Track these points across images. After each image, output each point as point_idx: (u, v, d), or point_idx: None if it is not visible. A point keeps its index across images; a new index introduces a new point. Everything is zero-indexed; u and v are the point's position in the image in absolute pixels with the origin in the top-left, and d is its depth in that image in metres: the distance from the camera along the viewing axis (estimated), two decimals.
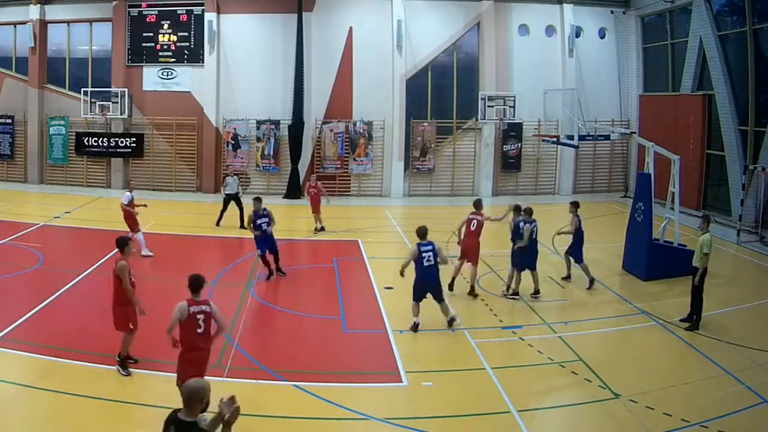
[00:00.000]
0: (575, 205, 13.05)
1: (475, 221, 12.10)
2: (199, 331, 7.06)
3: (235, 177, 17.89)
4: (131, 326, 8.50)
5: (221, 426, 4.42)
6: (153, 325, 10.31)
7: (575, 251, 12.73)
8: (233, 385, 8.22)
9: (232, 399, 4.37)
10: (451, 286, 12.00)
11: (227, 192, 17.38)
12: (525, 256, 11.76)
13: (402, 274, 10.08)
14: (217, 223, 17.41)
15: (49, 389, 7.79)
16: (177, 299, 11.60)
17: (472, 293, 11.94)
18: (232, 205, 17.34)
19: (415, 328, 10.07)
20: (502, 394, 8.05)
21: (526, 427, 7.33)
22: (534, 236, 11.82)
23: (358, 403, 7.80)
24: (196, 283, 7.22)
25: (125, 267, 8.43)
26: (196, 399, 4.58)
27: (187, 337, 7.05)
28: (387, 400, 8.04)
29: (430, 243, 10.01)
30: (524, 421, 7.45)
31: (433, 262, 9.91)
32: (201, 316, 7.03)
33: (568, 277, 13.00)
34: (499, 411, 7.67)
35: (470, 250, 12.11)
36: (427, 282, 10.05)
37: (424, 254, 9.85)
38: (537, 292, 11.90)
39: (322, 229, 17.07)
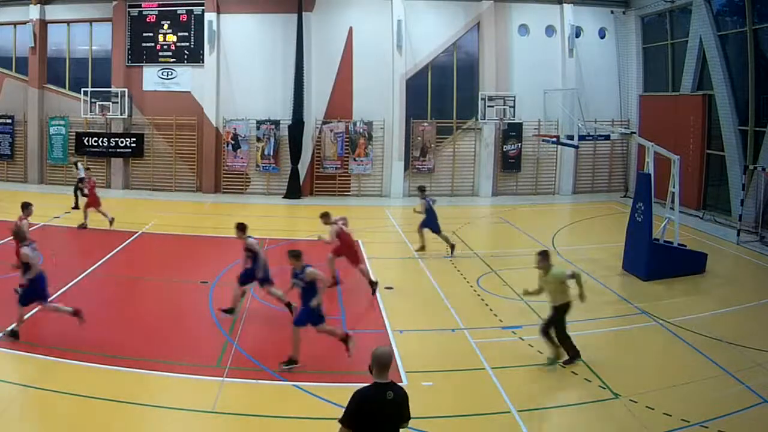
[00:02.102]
0: (422, 188, 15.71)
1: (343, 226, 12.36)
2: None
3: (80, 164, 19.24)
4: None
5: None
6: (153, 325, 10.35)
7: (431, 225, 14.84)
8: (233, 385, 8.23)
9: None
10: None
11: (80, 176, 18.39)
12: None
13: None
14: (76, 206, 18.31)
15: (49, 389, 7.79)
16: (177, 299, 11.61)
17: (373, 288, 11.99)
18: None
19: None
20: (502, 394, 8.05)
21: (526, 427, 7.33)
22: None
23: None
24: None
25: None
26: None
27: None
28: None
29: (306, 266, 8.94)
30: (524, 421, 7.45)
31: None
32: None
33: (422, 248, 14.97)
34: (499, 411, 7.67)
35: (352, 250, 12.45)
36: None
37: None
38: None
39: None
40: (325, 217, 12.41)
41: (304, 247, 9.47)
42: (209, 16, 22.74)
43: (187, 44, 23.14)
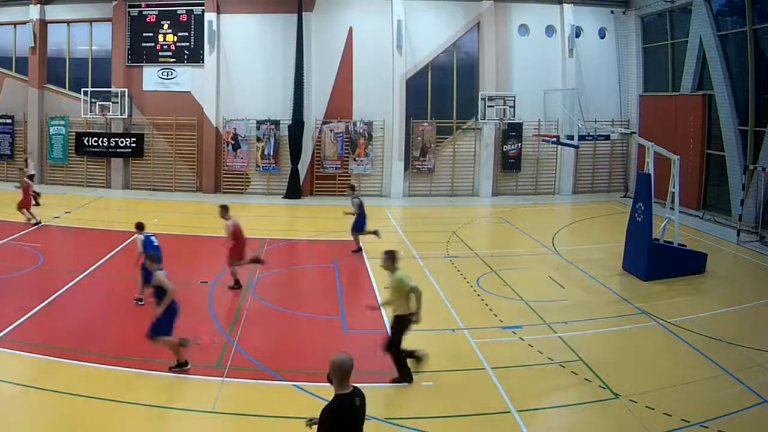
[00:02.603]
0: (352, 187, 16.51)
1: (238, 223, 12.31)
2: None
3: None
4: None
5: None
6: None
7: (358, 223, 15.12)
8: (233, 385, 8.23)
9: None
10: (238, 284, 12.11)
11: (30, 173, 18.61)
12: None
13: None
14: (37, 203, 18.43)
15: (49, 389, 7.79)
16: (177, 299, 11.61)
17: (237, 286, 12.03)
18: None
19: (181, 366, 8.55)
20: (502, 394, 8.05)
21: (526, 427, 7.33)
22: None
23: None
24: None
25: None
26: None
27: None
28: (387, 400, 8.04)
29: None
30: (524, 421, 7.45)
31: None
32: None
33: (359, 250, 14.96)
34: (499, 411, 7.67)
35: (244, 249, 12.34)
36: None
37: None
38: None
39: None
40: (224, 210, 12.38)
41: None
42: (209, 16, 22.73)
43: (187, 44, 23.14)
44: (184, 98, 23.07)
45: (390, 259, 8.57)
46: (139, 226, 11.41)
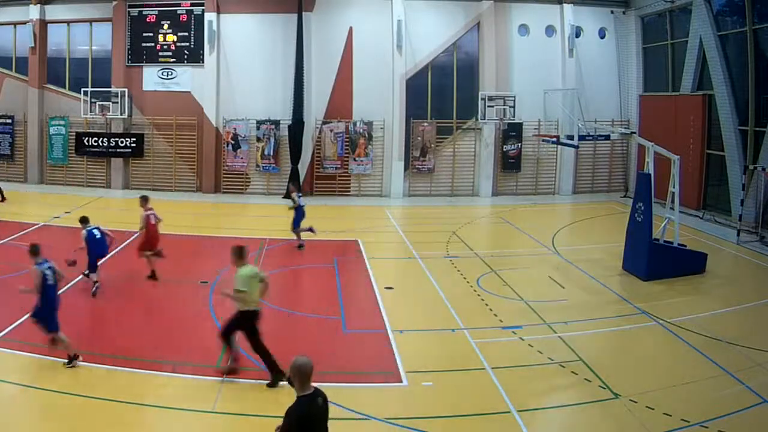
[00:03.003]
0: (295, 184, 17.28)
1: (152, 216, 12.87)
2: None
3: None
4: None
5: None
6: (153, 325, 10.36)
7: (296, 219, 15.47)
8: (233, 385, 8.23)
9: None
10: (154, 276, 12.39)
11: None
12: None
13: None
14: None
15: (49, 389, 7.79)
16: (177, 299, 11.63)
17: (154, 277, 12.36)
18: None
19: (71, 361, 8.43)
20: (502, 394, 8.05)
21: (526, 427, 7.33)
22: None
23: (358, 403, 7.80)
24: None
25: None
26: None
27: None
28: (387, 400, 8.04)
29: (46, 260, 8.75)
30: (524, 421, 7.45)
31: (53, 282, 8.67)
32: None
33: (301, 246, 15.31)
34: (499, 411, 7.67)
35: (156, 241, 12.85)
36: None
37: (46, 273, 8.60)
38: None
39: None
40: (143, 200, 12.90)
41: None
42: (209, 16, 22.73)
43: (187, 44, 23.14)
44: (184, 98, 23.07)
45: (236, 254, 8.42)
46: (83, 220, 12.00)
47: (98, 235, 11.88)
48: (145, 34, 23.16)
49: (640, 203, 13.40)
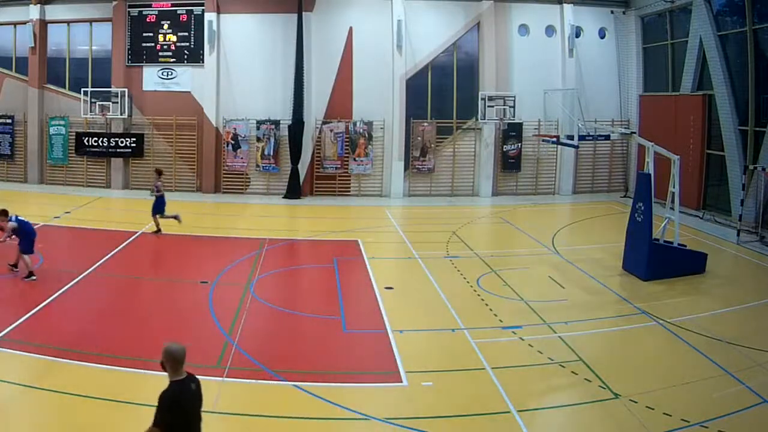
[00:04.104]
0: (159, 171, 17.72)
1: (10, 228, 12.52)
2: None
3: None
4: None
5: None
6: (153, 325, 10.35)
7: (157, 206, 16.27)
8: (233, 385, 8.23)
9: None
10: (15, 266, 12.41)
11: None
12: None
13: None
14: None
15: (49, 389, 7.79)
16: (176, 299, 11.63)
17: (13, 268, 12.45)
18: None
19: None
20: (502, 394, 8.05)
21: (526, 427, 7.33)
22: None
23: (358, 403, 7.80)
24: None
25: None
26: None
27: None
28: (387, 400, 8.04)
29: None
30: (524, 421, 7.45)
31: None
32: None
33: (158, 231, 16.13)
34: (499, 411, 7.67)
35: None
36: None
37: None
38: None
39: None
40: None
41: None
42: (209, 16, 22.73)
43: (187, 44, 23.13)
44: (184, 98, 23.07)
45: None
46: (3, 213, 12.16)
47: (23, 218, 12.45)
48: (145, 34, 23.15)
49: (640, 203, 13.40)
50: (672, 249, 13.45)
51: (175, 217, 16.33)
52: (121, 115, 22.76)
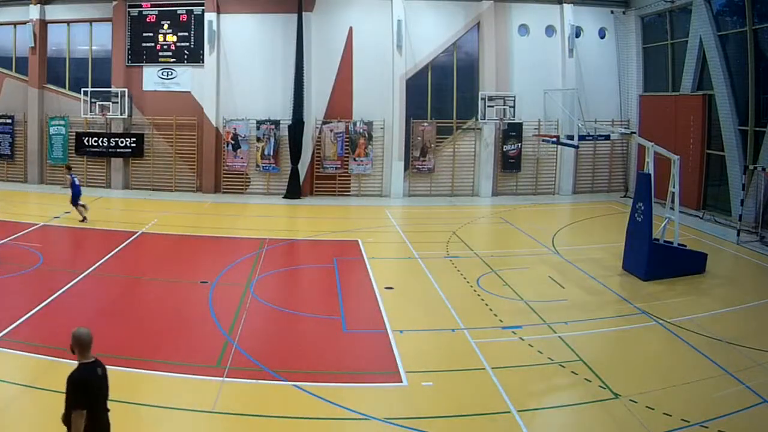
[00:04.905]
0: (68, 167, 19.18)
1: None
2: None
3: None
4: None
5: None
6: (153, 325, 10.35)
7: (74, 197, 17.55)
8: (233, 385, 8.23)
9: None
10: None
11: None
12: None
13: None
14: None
15: (49, 389, 7.79)
16: (177, 299, 11.64)
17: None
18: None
19: None
20: (502, 394, 8.05)
21: (526, 427, 7.33)
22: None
23: (358, 403, 7.80)
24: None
25: None
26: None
27: None
28: (387, 400, 8.04)
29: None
30: (524, 421, 7.45)
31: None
32: None
33: (84, 220, 17.31)
34: (499, 411, 7.67)
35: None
36: None
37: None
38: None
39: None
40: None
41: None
42: (209, 16, 22.74)
43: (187, 44, 23.14)
44: (184, 98, 23.07)
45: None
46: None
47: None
48: (145, 34, 23.16)
49: (640, 203, 13.40)
50: (672, 249, 13.45)
51: (83, 206, 17.64)
52: (121, 115, 22.77)
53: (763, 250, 15.77)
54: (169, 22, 23.13)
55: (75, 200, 17.53)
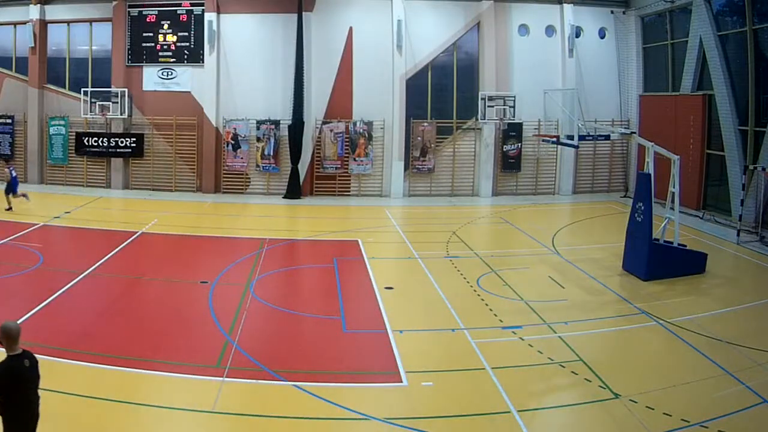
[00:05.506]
0: (6, 160, 20.25)
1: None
2: None
3: None
4: None
5: None
6: (153, 325, 10.35)
7: (12, 188, 18.45)
8: (233, 385, 8.23)
9: None
10: None
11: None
12: (13, 187, 18.37)
13: None
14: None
15: (50, 389, 7.77)
16: (177, 299, 11.64)
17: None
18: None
19: None
20: (502, 394, 8.05)
21: (526, 427, 7.33)
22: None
23: (358, 403, 7.81)
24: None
25: None
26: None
27: None
28: (387, 400, 8.04)
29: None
30: (524, 421, 7.45)
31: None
32: None
33: (9, 209, 17.98)
34: (499, 411, 7.67)
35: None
36: None
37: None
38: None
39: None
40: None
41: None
42: (209, 16, 22.73)
43: (187, 44, 23.13)
44: (184, 98, 23.07)
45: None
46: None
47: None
48: (145, 34, 23.16)
49: (640, 203, 13.40)
50: (672, 249, 13.45)
51: (24, 195, 18.55)
52: (121, 115, 22.77)
53: (763, 250, 15.77)
54: (169, 22, 23.12)
55: (11, 189, 18.44)
